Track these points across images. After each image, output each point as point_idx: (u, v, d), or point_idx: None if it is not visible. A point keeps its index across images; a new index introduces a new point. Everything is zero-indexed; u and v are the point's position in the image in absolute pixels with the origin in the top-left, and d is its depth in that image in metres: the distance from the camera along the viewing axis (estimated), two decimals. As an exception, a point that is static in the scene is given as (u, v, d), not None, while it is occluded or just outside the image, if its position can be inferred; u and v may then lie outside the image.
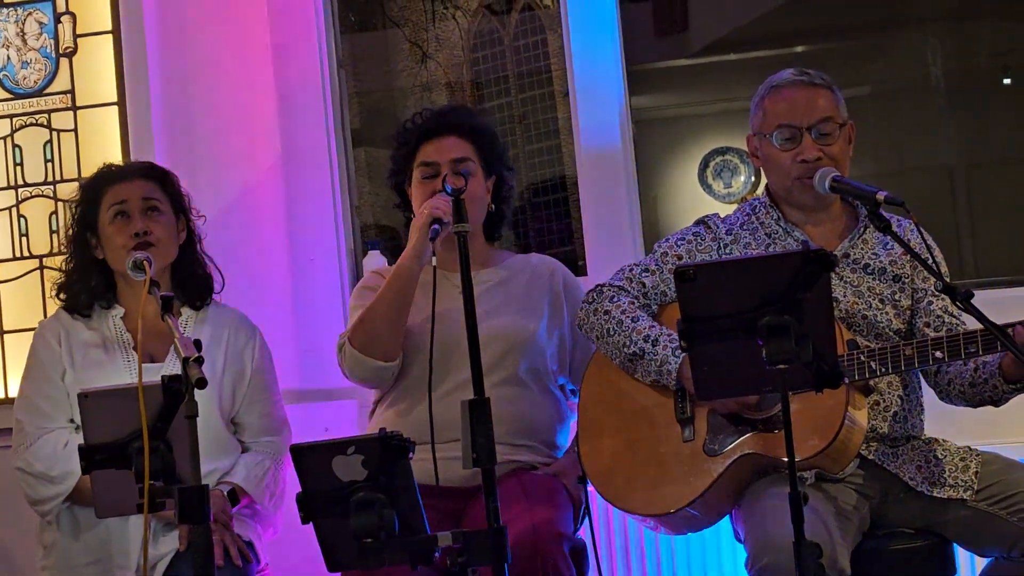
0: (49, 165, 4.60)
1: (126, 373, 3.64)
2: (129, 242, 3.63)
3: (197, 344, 2.82)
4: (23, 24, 4.63)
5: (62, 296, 3.78)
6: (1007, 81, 5.90)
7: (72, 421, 3.66)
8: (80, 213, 3.75)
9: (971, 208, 5.92)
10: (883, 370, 3.22)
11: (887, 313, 3.41)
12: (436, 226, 3.45)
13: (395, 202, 3.94)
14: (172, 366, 3.62)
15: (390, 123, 5.28)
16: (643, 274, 3.52)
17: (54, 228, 4.54)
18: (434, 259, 3.30)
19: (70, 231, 3.79)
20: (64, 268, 3.81)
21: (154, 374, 3.51)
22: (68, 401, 3.66)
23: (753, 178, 6.13)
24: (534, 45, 5.25)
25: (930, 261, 3.24)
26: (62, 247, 3.86)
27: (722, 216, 3.61)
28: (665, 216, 6.22)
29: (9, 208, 4.61)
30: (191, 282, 3.80)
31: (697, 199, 6.13)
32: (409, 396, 3.69)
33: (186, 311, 3.78)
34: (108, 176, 3.77)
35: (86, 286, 3.75)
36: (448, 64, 5.32)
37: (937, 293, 3.41)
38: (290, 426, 3.88)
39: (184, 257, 3.79)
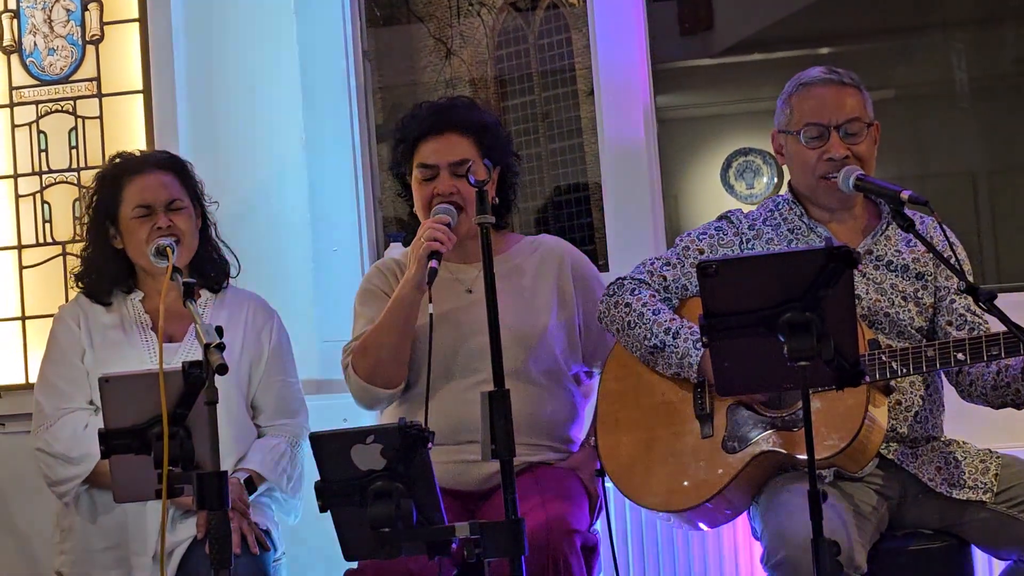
0: (74, 152, 4.62)
1: (144, 352, 3.67)
2: (153, 235, 3.65)
3: (219, 331, 2.83)
4: (50, 11, 4.64)
5: (81, 284, 3.80)
6: (1032, 87, 5.88)
7: (92, 403, 3.68)
8: (99, 203, 3.77)
9: (993, 213, 5.91)
10: (904, 371, 3.21)
11: (910, 311, 3.40)
12: (434, 263, 3.39)
13: (399, 192, 3.89)
14: (190, 346, 3.64)
15: (413, 119, 5.27)
16: (664, 268, 3.52)
17: (77, 215, 4.56)
18: (431, 306, 3.25)
19: (88, 219, 3.80)
20: (82, 255, 3.83)
21: (172, 354, 3.54)
22: (87, 382, 3.68)
23: (775, 179, 6.12)
24: (558, 44, 5.25)
25: (952, 260, 3.23)
26: (79, 235, 3.87)
27: (745, 212, 3.60)
28: (686, 216, 6.21)
29: (33, 194, 4.63)
30: (208, 267, 3.83)
31: (719, 199, 6.12)
32: (419, 397, 3.65)
33: (204, 294, 3.80)
34: (128, 167, 3.77)
35: (105, 274, 3.77)
36: (472, 61, 5.32)
37: (960, 291, 3.40)
38: (307, 409, 3.88)
39: (200, 243, 3.81)
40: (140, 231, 3.68)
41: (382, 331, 3.58)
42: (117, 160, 3.82)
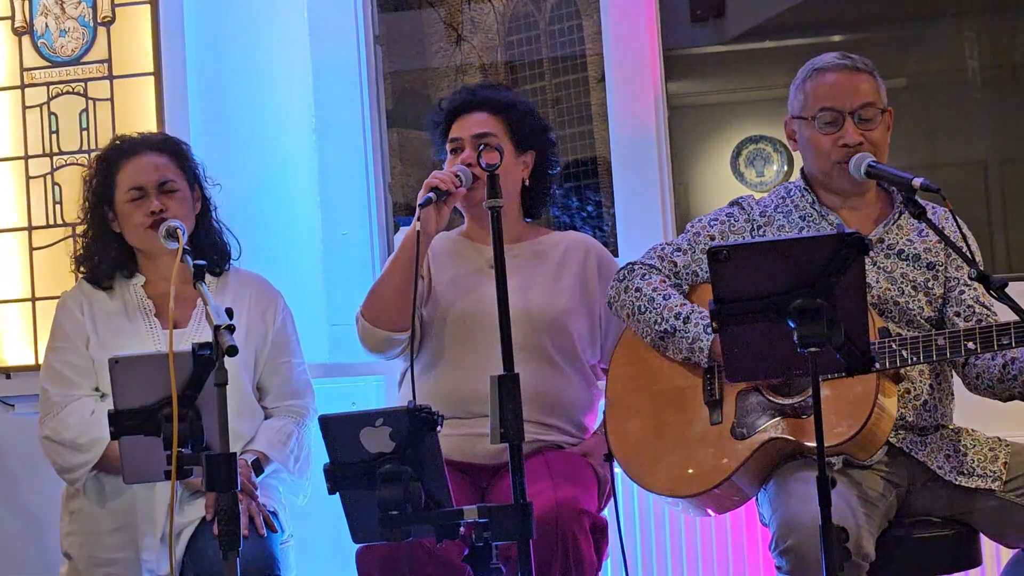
0: (84, 134, 4.62)
1: (148, 338, 3.67)
2: (146, 220, 3.66)
3: (229, 312, 2.84)
4: (62, -8, 4.66)
5: (83, 268, 3.81)
6: (1045, 76, 5.86)
7: (97, 389, 3.68)
8: (96, 187, 3.77)
9: (1004, 203, 5.89)
10: (914, 359, 3.20)
11: (919, 300, 3.39)
12: (430, 194, 3.48)
13: None
14: (194, 331, 3.64)
15: (423, 104, 5.28)
16: (675, 253, 3.52)
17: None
18: (417, 224, 3.39)
19: (86, 204, 3.80)
20: (82, 240, 3.83)
21: (177, 339, 3.52)
22: (93, 369, 3.68)
23: (786, 167, 6.11)
24: (569, 30, 5.25)
25: (964, 249, 3.22)
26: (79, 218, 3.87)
27: (756, 198, 3.60)
28: (696, 203, 6.20)
29: (44, 176, 4.64)
30: (210, 250, 3.82)
31: (729, 187, 6.11)
32: (435, 369, 3.69)
33: (207, 277, 3.78)
34: (122, 151, 3.77)
35: (105, 258, 3.77)
36: (483, 47, 5.31)
37: (970, 283, 3.39)
38: (313, 389, 3.89)
39: (200, 226, 3.81)
40: (134, 215, 3.68)
41: (387, 272, 3.62)
42: (116, 143, 3.82)
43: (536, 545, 2.96)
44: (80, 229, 3.91)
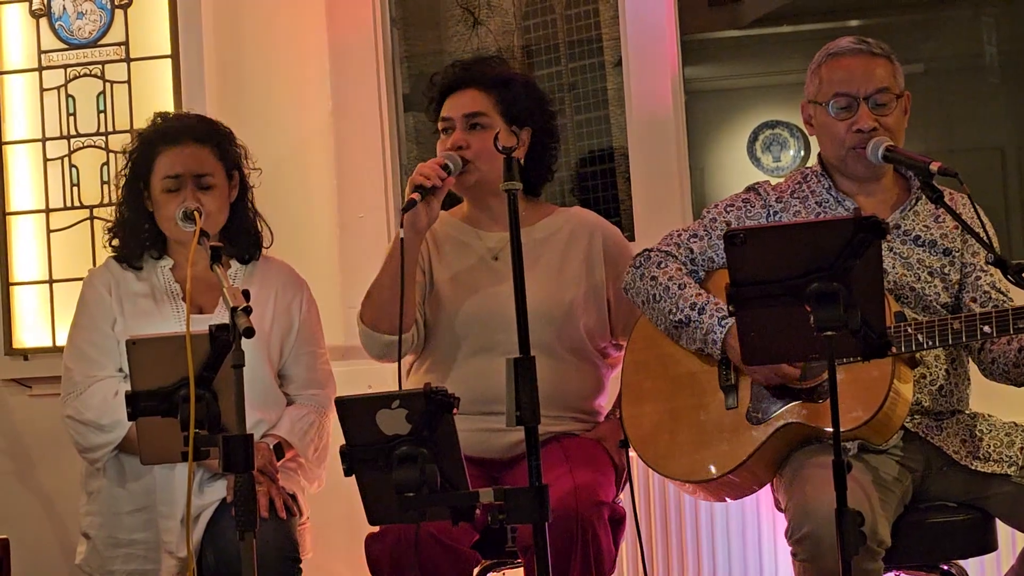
0: (102, 116, 4.64)
1: (174, 323, 3.66)
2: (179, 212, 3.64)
3: (246, 294, 2.84)
4: (79, -25, 4.67)
5: (114, 243, 3.80)
6: (1063, 62, 5.84)
7: (121, 370, 3.68)
8: (133, 165, 3.76)
9: (1022, 189, 5.88)
10: (930, 343, 3.20)
11: (935, 286, 3.39)
12: (415, 196, 3.42)
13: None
14: (220, 318, 3.62)
15: (439, 88, 5.27)
16: (691, 240, 3.51)
17: (105, 179, 4.59)
18: (401, 231, 3.34)
19: (123, 179, 3.79)
20: (116, 215, 3.82)
21: (202, 325, 3.51)
22: (118, 350, 3.67)
23: (802, 153, 6.10)
24: (585, 14, 5.23)
25: (981, 235, 3.21)
26: (115, 195, 3.85)
27: (772, 184, 3.59)
28: (712, 188, 6.19)
29: (61, 158, 4.66)
30: (240, 237, 3.81)
31: (745, 172, 6.10)
32: (442, 365, 3.67)
33: (235, 264, 3.79)
34: (163, 135, 3.73)
35: (137, 235, 3.76)
36: (499, 31, 5.30)
37: (986, 268, 3.39)
38: (335, 381, 3.89)
39: (235, 212, 3.79)
40: (167, 206, 3.66)
41: (381, 276, 3.57)
42: (159, 121, 3.80)
43: (555, 538, 2.95)
44: (107, 211, 3.90)
